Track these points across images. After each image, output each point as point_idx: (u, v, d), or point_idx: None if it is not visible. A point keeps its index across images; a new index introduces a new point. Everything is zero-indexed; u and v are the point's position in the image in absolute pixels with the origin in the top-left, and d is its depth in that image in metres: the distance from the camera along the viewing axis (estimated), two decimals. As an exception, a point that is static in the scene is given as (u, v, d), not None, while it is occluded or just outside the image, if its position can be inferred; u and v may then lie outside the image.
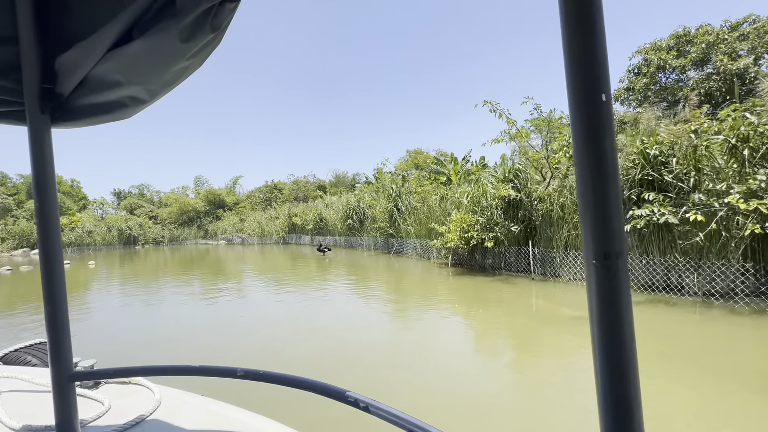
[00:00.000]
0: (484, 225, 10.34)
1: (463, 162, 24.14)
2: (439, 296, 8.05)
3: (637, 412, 0.39)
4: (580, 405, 3.22)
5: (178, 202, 48.24)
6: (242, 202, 47.03)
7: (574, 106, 0.40)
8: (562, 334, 5.24)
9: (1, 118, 1.08)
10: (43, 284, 1.00)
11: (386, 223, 17.85)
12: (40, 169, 1.00)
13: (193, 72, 0.96)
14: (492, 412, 3.23)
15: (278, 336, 5.64)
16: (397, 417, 0.72)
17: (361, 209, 21.56)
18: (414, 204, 16.40)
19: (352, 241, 21.65)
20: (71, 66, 0.92)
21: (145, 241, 41.13)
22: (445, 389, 3.65)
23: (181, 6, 0.74)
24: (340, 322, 6.35)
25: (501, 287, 8.60)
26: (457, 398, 3.45)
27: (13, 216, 40.92)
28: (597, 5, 0.40)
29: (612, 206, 0.39)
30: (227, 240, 38.88)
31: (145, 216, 46.87)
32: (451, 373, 4.05)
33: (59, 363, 1.02)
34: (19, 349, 1.98)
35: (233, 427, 1.18)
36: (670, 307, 6.21)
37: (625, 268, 0.39)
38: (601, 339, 0.39)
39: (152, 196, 57.64)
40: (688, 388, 3.50)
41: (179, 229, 45.44)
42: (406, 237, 15.91)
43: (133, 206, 49.60)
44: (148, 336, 5.89)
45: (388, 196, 17.79)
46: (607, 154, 0.39)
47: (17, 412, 1.28)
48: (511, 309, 6.74)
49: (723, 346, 4.58)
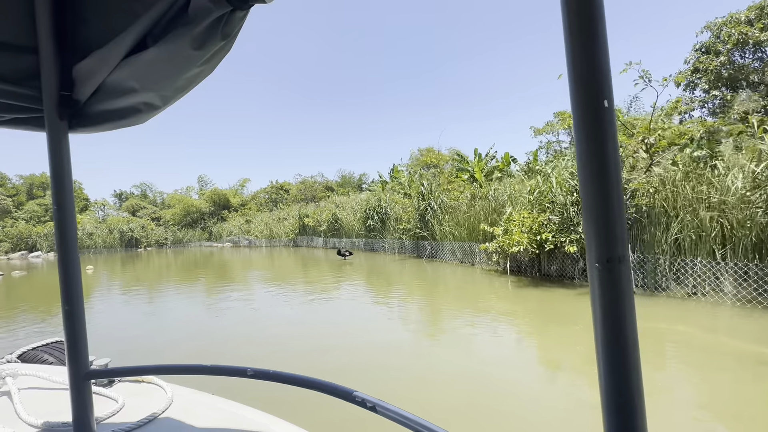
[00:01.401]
0: (559, 225, 8.44)
1: (486, 158, 22.24)
2: (518, 316, 6.14)
3: (641, 412, 0.39)
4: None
5: (181, 203, 46.75)
6: (248, 203, 45.46)
7: (577, 112, 0.41)
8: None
9: (21, 125, 1.11)
10: (61, 285, 1.03)
11: (415, 223, 15.95)
12: (58, 174, 1.03)
13: (204, 78, 0.96)
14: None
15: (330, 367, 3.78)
16: (404, 417, 0.72)
17: (383, 209, 19.67)
18: (448, 202, 14.51)
19: (373, 243, 19.74)
20: (88, 74, 0.96)
21: (147, 244, 39.53)
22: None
23: (193, 15, 0.75)
24: (407, 353, 4.48)
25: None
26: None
27: (12, 218, 39.43)
28: (599, 16, 0.40)
29: (614, 211, 0.39)
30: (233, 242, 37.11)
31: (148, 218, 45.30)
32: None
33: (76, 361, 1.04)
34: (36, 348, 2.01)
35: (244, 425, 1.20)
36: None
37: (628, 271, 0.40)
38: (604, 341, 0.40)
39: (155, 197, 56.24)
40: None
41: (183, 231, 43.90)
42: (441, 239, 14.01)
43: (135, 208, 48.06)
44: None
45: (418, 193, 15.91)
46: (610, 160, 0.40)
47: (35, 409, 1.31)
48: (650, 342, 4.81)
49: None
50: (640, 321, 6.07)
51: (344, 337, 5.46)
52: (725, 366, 3.99)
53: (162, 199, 54.64)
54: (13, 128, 1.13)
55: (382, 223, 19.54)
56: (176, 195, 51.74)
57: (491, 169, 20.65)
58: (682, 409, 3.21)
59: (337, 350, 4.86)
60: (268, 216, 36.54)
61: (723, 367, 3.96)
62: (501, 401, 3.42)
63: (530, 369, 4.20)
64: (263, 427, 1.19)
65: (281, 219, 33.67)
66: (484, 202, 12.80)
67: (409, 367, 4.28)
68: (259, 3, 0.73)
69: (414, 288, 9.15)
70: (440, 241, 14.09)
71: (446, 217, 13.88)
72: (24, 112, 1.07)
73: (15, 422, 1.24)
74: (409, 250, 16.64)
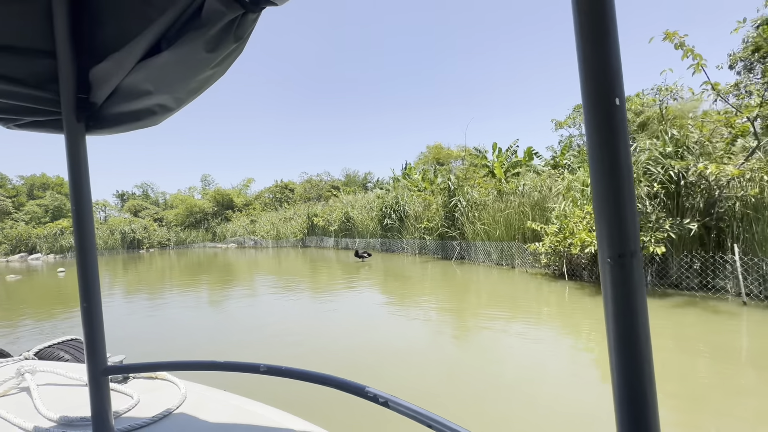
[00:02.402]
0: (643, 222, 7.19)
1: (507, 153, 20.96)
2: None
3: (653, 406, 0.39)
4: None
5: (184, 203, 45.71)
6: (252, 203, 44.41)
7: (588, 109, 0.41)
8: None
9: (39, 127, 1.14)
10: (80, 283, 1.04)
11: (440, 221, 14.72)
12: (77, 175, 1.04)
13: (217, 80, 0.97)
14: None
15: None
16: (415, 412, 0.72)
17: (401, 207, 18.43)
18: (478, 198, 13.26)
19: (391, 243, 18.50)
20: (104, 77, 0.97)
21: (150, 245, 38.43)
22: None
23: (206, 18, 0.76)
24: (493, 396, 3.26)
25: (714, 322, 5.41)
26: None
27: (12, 219, 38.38)
28: (610, 13, 0.40)
29: (626, 207, 0.40)
30: (238, 243, 35.95)
31: (150, 218, 44.20)
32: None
33: (94, 357, 1.05)
34: (52, 345, 2.00)
35: (256, 421, 1.21)
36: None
37: (640, 266, 0.40)
38: (617, 336, 0.40)
39: (157, 198, 55.22)
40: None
41: (186, 232, 42.84)
42: (472, 239, 12.76)
43: (137, 208, 46.99)
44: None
45: (442, 189, 14.67)
46: (621, 157, 0.40)
47: (53, 404, 1.34)
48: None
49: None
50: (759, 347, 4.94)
51: (392, 370, 4.21)
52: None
53: (164, 200, 53.65)
54: (33, 131, 1.15)
55: (400, 221, 18.29)
56: (179, 195, 50.73)
57: (512, 163, 19.41)
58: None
59: (390, 385, 3.62)
60: (274, 216, 35.35)
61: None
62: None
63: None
64: (276, 423, 1.20)
65: (288, 219, 32.46)
66: (522, 198, 11.55)
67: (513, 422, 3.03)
68: (270, 5, 0.73)
69: (460, 297, 7.89)
70: (470, 241, 12.83)
71: (479, 214, 12.62)
72: (43, 115, 1.09)
73: (35, 417, 1.26)
74: (432, 251, 15.40)
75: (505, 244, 11.16)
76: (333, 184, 42.02)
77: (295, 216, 31.42)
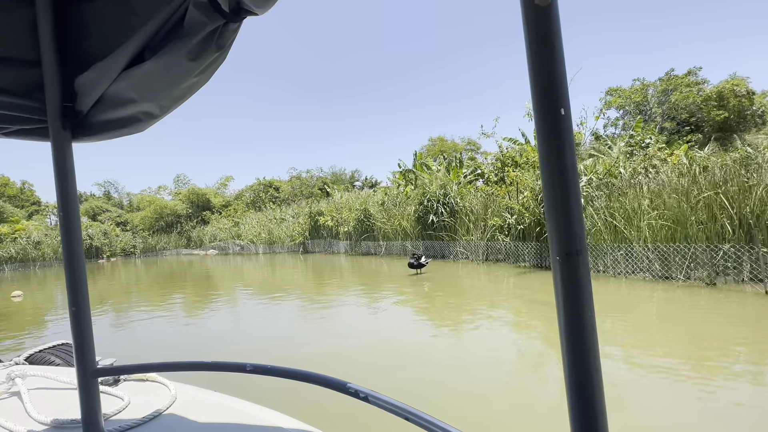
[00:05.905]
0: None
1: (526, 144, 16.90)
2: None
3: (599, 386, 0.42)
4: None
5: (153, 204, 39.63)
6: (232, 203, 38.99)
7: (538, 119, 0.43)
8: None
9: (26, 135, 1.13)
10: (68, 288, 1.05)
11: (532, 216, 10.58)
12: (63, 182, 1.05)
13: (200, 87, 0.97)
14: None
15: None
16: (394, 406, 0.74)
17: (450, 200, 14.16)
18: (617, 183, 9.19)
19: (441, 247, 14.16)
20: (89, 85, 0.98)
21: (111, 253, 32.41)
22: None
23: (188, 28, 0.77)
24: None
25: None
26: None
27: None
28: (556, 33, 0.42)
29: (573, 209, 0.41)
30: (220, 249, 30.56)
31: (112, 222, 37.81)
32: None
33: (84, 359, 1.05)
34: (43, 350, 2.00)
35: (246, 420, 1.21)
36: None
37: (586, 263, 0.42)
38: (566, 327, 0.42)
39: (121, 199, 48.48)
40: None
41: (155, 237, 36.93)
42: (611, 240, 8.64)
43: (96, 211, 40.29)
44: None
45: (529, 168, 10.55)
46: (568, 162, 0.41)
47: (44, 408, 1.33)
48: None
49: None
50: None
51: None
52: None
53: (129, 201, 47.02)
54: (19, 139, 1.15)
55: (452, 218, 14.00)
56: (146, 196, 44.38)
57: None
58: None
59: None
60: (263, 216, 30.23)
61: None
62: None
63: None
64: (265, 422, 1.20)
65: (281, 219, 27.48)
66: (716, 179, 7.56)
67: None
68: (251, 15, 0.74)
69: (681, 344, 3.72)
70: (606, 243, 8.69)
71: (635, 204, 8.45)
72: (29, 123, 1.09)
73: (26, 421, 1.25)
74: (514, 257, 11.20)
75: (695, 247, 7.09)
76: (323, 180, 37.46)
77: (294, 216, 26.49)
